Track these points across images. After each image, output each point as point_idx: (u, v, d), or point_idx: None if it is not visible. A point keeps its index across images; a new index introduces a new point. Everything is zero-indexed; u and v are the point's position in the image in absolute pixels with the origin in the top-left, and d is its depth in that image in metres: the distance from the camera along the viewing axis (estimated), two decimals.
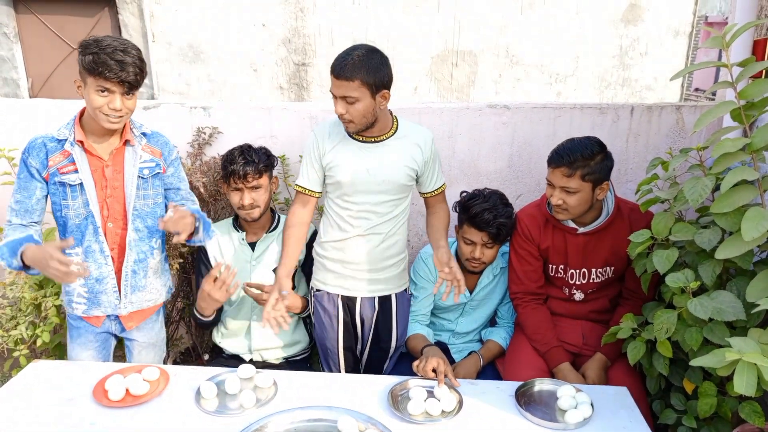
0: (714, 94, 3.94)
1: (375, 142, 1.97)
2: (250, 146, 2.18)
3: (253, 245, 2.23)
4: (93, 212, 1.89)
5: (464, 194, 2.22)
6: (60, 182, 1.86)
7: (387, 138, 1.98)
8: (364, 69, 1.80)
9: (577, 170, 1.90)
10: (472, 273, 2.23)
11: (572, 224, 2.06)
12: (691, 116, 2.58)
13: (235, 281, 2.04)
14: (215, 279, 2.02)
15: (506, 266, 2.27)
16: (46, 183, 1.87)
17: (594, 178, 1.92)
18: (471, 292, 2.29)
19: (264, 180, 2.15)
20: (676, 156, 1.81)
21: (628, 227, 2.01)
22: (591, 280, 2.11)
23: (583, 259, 2.09)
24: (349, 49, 1.83)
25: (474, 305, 2.32)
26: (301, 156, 2.59)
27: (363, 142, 1.97)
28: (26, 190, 1.86)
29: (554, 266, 2.15)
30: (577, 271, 2.11)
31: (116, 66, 1.72)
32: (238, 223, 2.27)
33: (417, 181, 2.06)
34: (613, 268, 2.09)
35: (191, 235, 1.94)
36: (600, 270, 2.09)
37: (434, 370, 1.80)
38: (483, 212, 2.08)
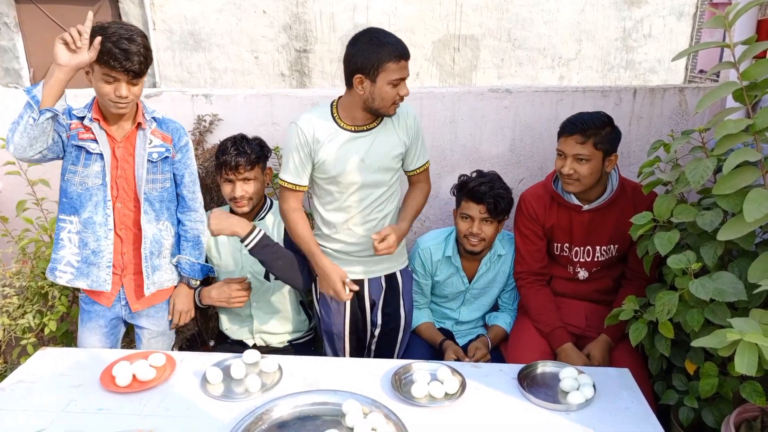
0: (718, 75, 3.91)
1: (367, 130, 1.94)
2: (243, 137, 2.16)
3: None
4: (106, 183, 1.93)
5: (462, 177, 2.25)
6: (77, 146, 1.89)
7: (378, 125, 1.96)
8: None
9: (590, 138, 1.95)
10: (471, 254, 2.23)
11: (577, 201, 2.08)
12: (694, 98, 2.56)
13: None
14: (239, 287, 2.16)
15: (504, 254, 2.29)
16: (63, 144, 1.89)
17: (605, 148, 1.97)
18: (470, 281, 2.30)
19: (256, 172, 2.13)
20: (677, 138, 1.81)
21: (632, 205, 2.03)
22: (595, 259, 2.12)
23: (587, 237, 2.10)
24: (390, 35, 1.86)
25: (475, 294, 2.33)
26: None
27: (355, 132, 1.94)
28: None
29: (559, 245, 2.16)
30: (582, 248, 2.12)
31: (121, 55, 1.74)
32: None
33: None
34: (617, 246, 2.10)
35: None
36: (604, 248, 2.11)
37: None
38: (480, 185, 2.13)
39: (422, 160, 2.07)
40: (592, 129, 1.96)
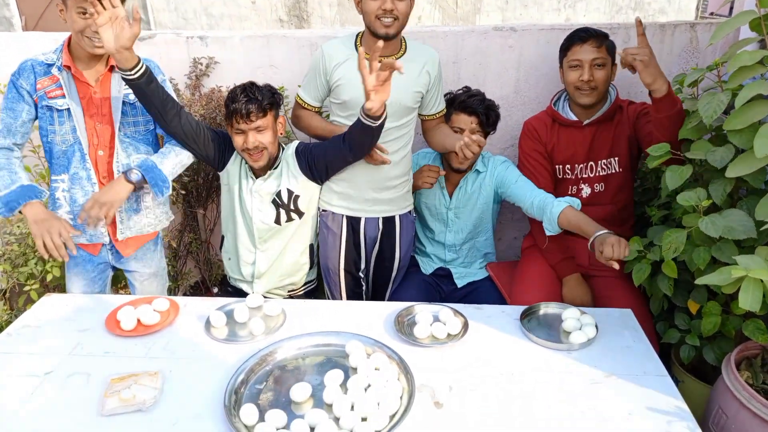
0: (729, 13, 3.77)
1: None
2: (253, 83, 2.02)
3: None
4: (80, 139, 1.88)
5: (448, 94, 2.25)
6: (47, 106, 1.85)
7: (397, 59, 1.96)
8: None
9: (603, 43, 2.03)
10: (458, 172, 2.25)
11: (575, 117, 2.13)
12: (706, 35, 2.47)
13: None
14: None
15: (483, 171, 2.27)
16: (35, 106, 1.86)
17: (613, 55, 2.06)
18: (451, 197, 2.31)
19: (269, 119, 1.99)
20: (693, 71, 1.75)
21: (626, 119, 2.12)
22: (597, 174, 2.17)
23: (589, 153, 2.14)
24: None
25: (457, 213, 2.33)
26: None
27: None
28: (13, 111, 1.85)
29: (561, 166, 2.19)
30: (584, 164, 2.16)
31: None
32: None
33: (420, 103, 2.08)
34: (617, 158, 2.13)
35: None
36: (605, 162, 2.15)
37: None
38: (471, 98, 2.17)
39: (441, 105, 2.16)
40: (602, 36, 2.03)
